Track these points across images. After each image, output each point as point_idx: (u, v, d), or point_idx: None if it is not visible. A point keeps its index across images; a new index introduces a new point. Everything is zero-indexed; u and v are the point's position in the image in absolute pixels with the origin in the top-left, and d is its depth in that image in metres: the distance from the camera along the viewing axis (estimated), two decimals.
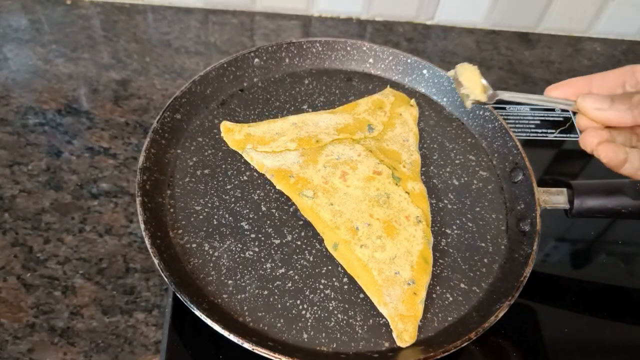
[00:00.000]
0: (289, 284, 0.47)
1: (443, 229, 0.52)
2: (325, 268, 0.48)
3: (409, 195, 0.51)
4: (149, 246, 0.45)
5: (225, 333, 0.40)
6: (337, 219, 0.49)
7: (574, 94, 0.41)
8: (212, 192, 0.53)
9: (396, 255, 0.47)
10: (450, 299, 0.48)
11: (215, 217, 0.51)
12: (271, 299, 0.46)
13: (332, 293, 0.47)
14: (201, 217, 0.51)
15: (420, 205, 0.51)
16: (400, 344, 0.44)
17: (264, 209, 0.52)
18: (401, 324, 0.44)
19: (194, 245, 0.49)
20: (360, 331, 0.45)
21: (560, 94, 0.42)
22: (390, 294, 0.45)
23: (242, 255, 0.48)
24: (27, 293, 0.50)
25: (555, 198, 0.52)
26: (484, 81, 0.47)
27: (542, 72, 0.81)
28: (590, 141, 0.40)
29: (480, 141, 0.60)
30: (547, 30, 0.87)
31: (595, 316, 0.53)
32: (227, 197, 0.52)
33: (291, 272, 0.48)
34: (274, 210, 0.52)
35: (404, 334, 0.44)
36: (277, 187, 0.52)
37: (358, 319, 0.46)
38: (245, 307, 0.45)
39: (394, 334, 0.44)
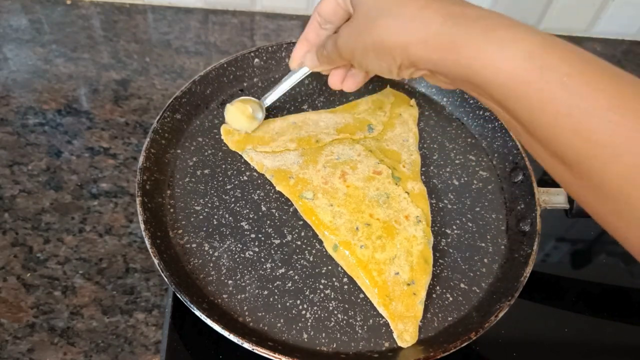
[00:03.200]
0: (289, 284, 0.47)
1: (443, 229, 0.52)
2: (325, 268, 0.48)
3: (409, 195, 0.51)
4: (149, 246, 0.45)
5: (225, 333, 0.40)
6: (337, 220, 0.49)
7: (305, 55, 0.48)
8: (212, 192, 0.53)
9: (396, 256, 0.47)
10: (450, 299, 0.48)
11: (215, 217, 0.51)
12: (271, 299, 0.46)
13: (332, 293, 0.47)
14: (201, 217, 0.51)
15: (420, 205, 0.51)
16: (401, 344, 0.44)
17: (264, 209, 0.52)
18: (401, 324, 0.44)
19: (194, 245, 0.49)
20: (360, 331, 0.45)
21: (298, 63, 0.50)
22: (389, 295, 0.45)
23: (242, 255, 0.48)
24: (27, 293, 0.50)
25: (555, 198, 0.52)
26: (249, 108, 0.56)
27: None
28: (332, 81, 0.48)
29: (480, 141, 0.60)
30: (547, 30, 0.86)
31: (595, 316, 0.53)
32: (227, 197, 0.52)
33: (291, 272, 0.48)
34: (274, 210, 0.52)
35: (405, 334, 0.44)
36: (277, 189, 0.52)
37: (358, 319, 0.46)
38: (245, 307, 0.45)
39: (395, 335, 0.44)
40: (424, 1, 0.34)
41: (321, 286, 0.47)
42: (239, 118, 0.56)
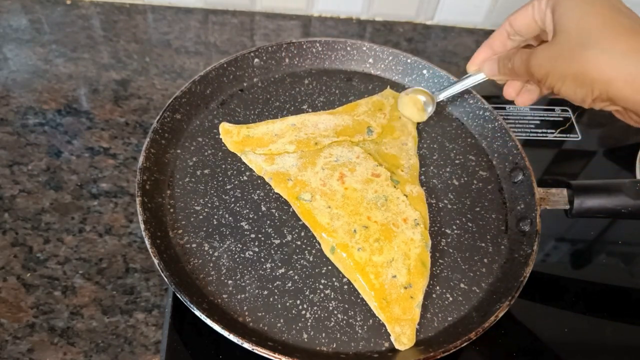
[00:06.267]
0: (289, 284, 0.47)
1: (443, 229, 0.52)
2: (325, 268, 0.48)
3: (407, 198, 0.51)
4: (149, 246, 0.45)
5: (225, 333, 0.40)
6: (335, 222, 0.49)
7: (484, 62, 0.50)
8: (212, 192, 0.53)
9: (393, 259, 0.47)
10: (450, 299, 0.48)
11: (215, 217, 0.51)
12: (271, 299, 0.46)
13: (332, 293, 0.47)
14: (201, 217, 0.51)
15: (419, 208, 0.51)
16: (398, 347, 0.44)
17: (264, 209, 0.52)
18: (398, 327, 0.44)
19: (194, 245, 0.49)
20: (360, 331, 0.45)
21: (476, 68, 0.51)
22: (386, 298, 0.45)
23: (242, 255, 0.48)
24: (27, 293, 0.51)
25: (555, 198, 0.52)
26: (421, 99, 0.59)
27: None
28: (507, 92, 0.49)
29: (480, 141, 0.60)
30: None
31: (595, 316, 0.53)
32: (227, 197, 0.52)
33: (291, 272, 0.48)
34: (273, 210, 0.52)
35: (402, 337, 0.44)
36: (275, 191, 0.52)
37: (358, 319, 0.46)
38: (245, 307, 0.45)
39: (392, 337, 0.44)
40: (638, 41, 0.33)
41: (321, 286, 0.47)
42: (411, 108, 0.59)
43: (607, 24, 0.35)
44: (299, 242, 0.50)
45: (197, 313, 0.41)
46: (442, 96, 0.58)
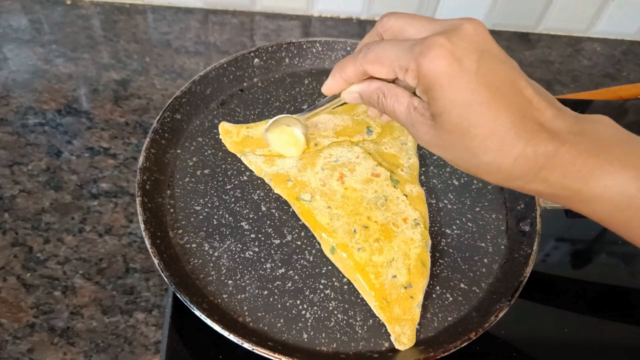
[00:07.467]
0: (289, 284, 0.47)
1: (443, 229, 0.52)
2: (325, 268, 0.48)
3: (407, 198, 0.51)
4: (149, 246, 0.45)
5: (225, 333, 0.40)
6: (335, 222, 0.49)
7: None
8: (212, 192, 0.53)
9: (394, 259, 0.47)
10: (450, 299, 0.48)
11: (215, 217, 0.51)
12: (271, 299, 0.46)
13: (332, 293, 0.47)
14: (201, 217, 0.51)
15: (419, 208, 0.51)
16: (398, 347, 0.44)
17: (264, 209, 0.52)
18: (398, 327, 0.44)
19: (194, 245, 0.49)
20: (360, 331, 0.45)
21: (331, 94, 0.42)
22: (386, 298, 0.45)
23: (242, 255, 0.48)
24: (27, 293, 0.51)
25: None
26: (297, 133, 0.52)
27: (542, 72, 0.81)
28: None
29: None
30: (547, 30, 0.87)
31: (595, 316, 0.53)
32: (227, 197, 0.52)
33: (291, 272, 0.48)
34: (273, 211, 0.52)
35: (402, 337, 0.44)
36: (275, 191, 0.52)
37: (358, 319, 0.46)
38: (245, 307, 0.45)
39: (392, 338, 0.44)
40: (522, 144, 0.32)
41: (321, 286, 0.47)
42: (283, 147, 0.53)
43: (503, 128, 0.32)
44: (299, 242, 0.50)
45: (197, 313, 0.41)
46: (304, 119, 0.50)
